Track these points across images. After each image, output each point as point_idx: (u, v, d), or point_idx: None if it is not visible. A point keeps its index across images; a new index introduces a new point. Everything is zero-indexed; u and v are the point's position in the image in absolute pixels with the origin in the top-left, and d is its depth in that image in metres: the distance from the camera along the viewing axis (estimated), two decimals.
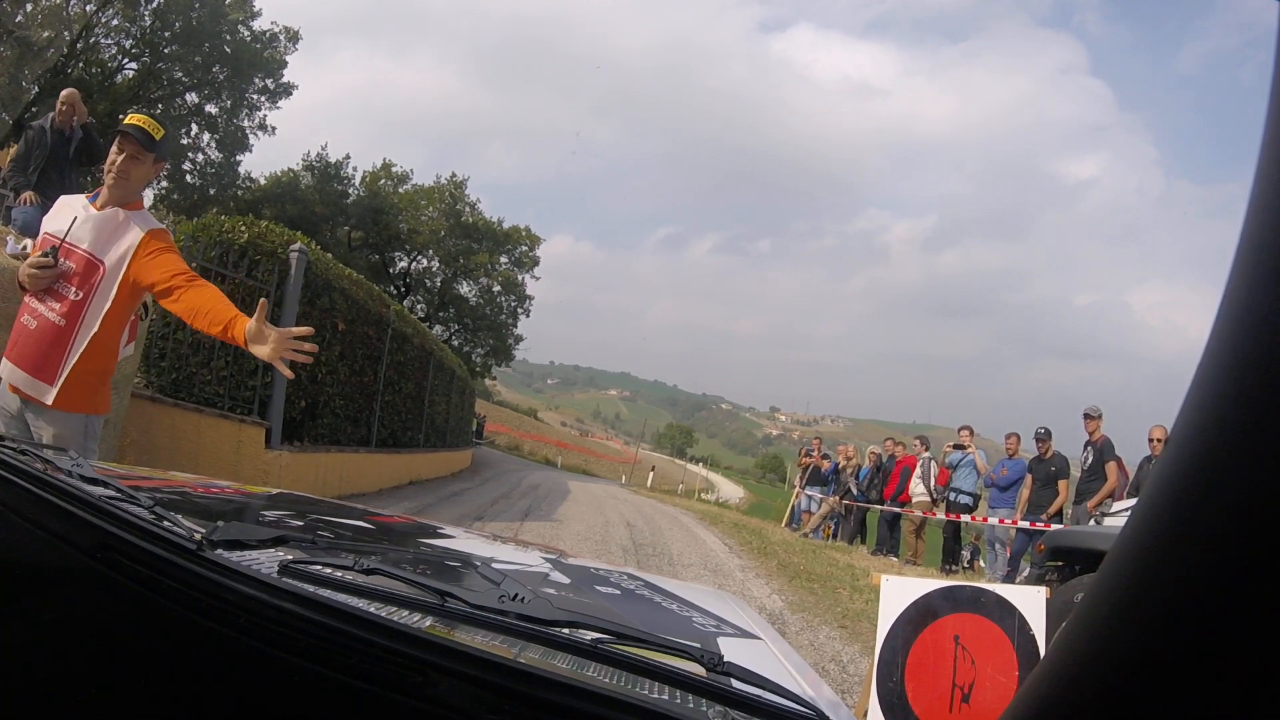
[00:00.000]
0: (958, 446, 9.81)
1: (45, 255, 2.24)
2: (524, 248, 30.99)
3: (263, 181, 28.53)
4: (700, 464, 73.23)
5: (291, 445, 7.20)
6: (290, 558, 0.79)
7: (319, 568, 0.77)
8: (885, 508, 10.61)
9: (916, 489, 10.18)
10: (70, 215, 2.30)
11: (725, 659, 0.77)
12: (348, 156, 29.70)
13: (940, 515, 9.77)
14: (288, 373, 2.16)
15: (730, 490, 58.01)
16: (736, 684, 0.73)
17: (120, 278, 2.29)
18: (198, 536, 0.72)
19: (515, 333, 31.52)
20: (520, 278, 31.04)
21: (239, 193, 27.38)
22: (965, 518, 9.48)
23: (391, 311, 9.48)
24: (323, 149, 29.64)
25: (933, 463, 10.36)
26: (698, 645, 0.82)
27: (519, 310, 31.39)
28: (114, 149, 2.32)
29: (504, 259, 30.77)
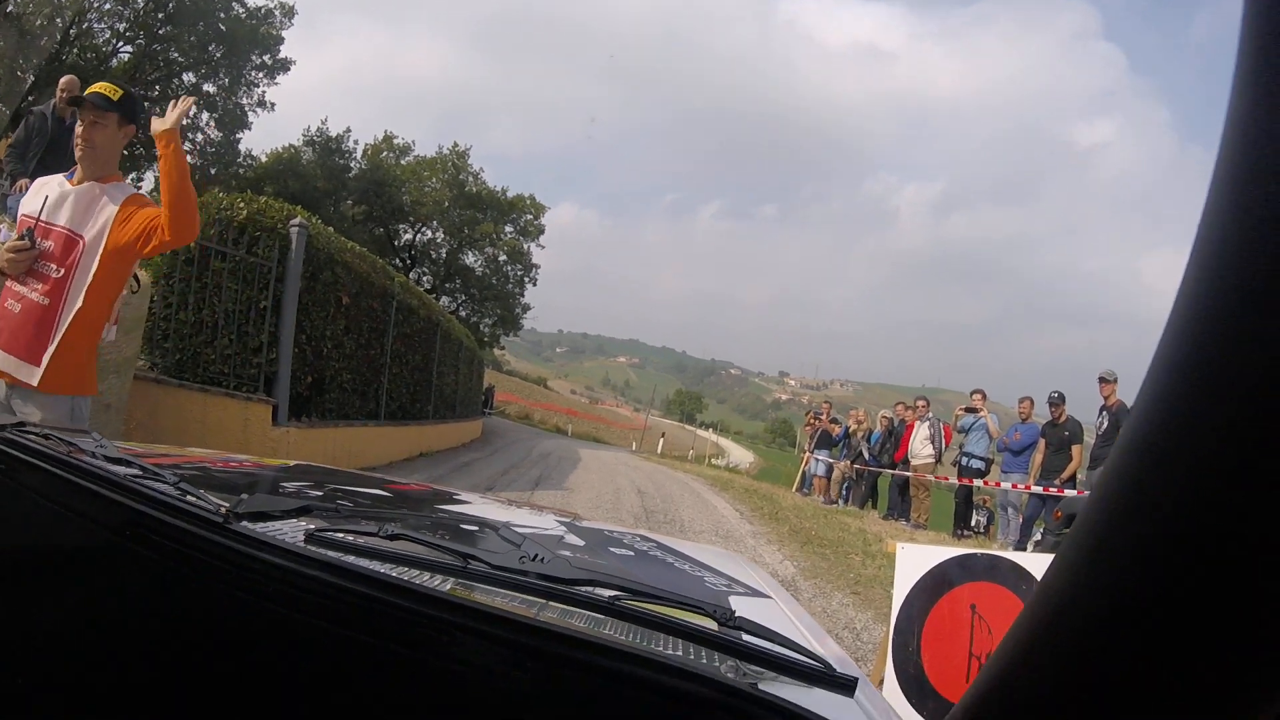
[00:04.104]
0: (969, 410, 9.71)
1: (21, 238, 2.19)
2: (529, 216, 30.65)
3: (264, 159, 28.20)
4: (710, 429, 73.44)
5: (299, 421, 7.19)
6: (315, 526, 0.80)
7: (344, 535, 0.78)
8: (896, 472, 10.56)
9: (923, 450, 10.10)
10: (44, 194, 2.25)
11: (737, 615, 0.78)
12: (348, 130, 29.32)
13: (952, 480, 9.72)
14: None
15: (740, 455, 58.10)
16: (747, 638, 0.74)
17: (101, 250, 2.26)
18: (224, 510, 0.73)
19: (523, 302, 31.39)
20: (526, 246, 30.74)
21: (241, 171, 27.14)
22: (978, 482, 9.42)
23: (396, 284, 9.39)
24: (323, 123, 29.19)
25: (940, 423, 10.26)
26: (710, 602, 0.82)
27: (525, 279, 31.16)
28: (78, 122, 2.29)
29: (509, 228, 30.47)
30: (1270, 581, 0.32)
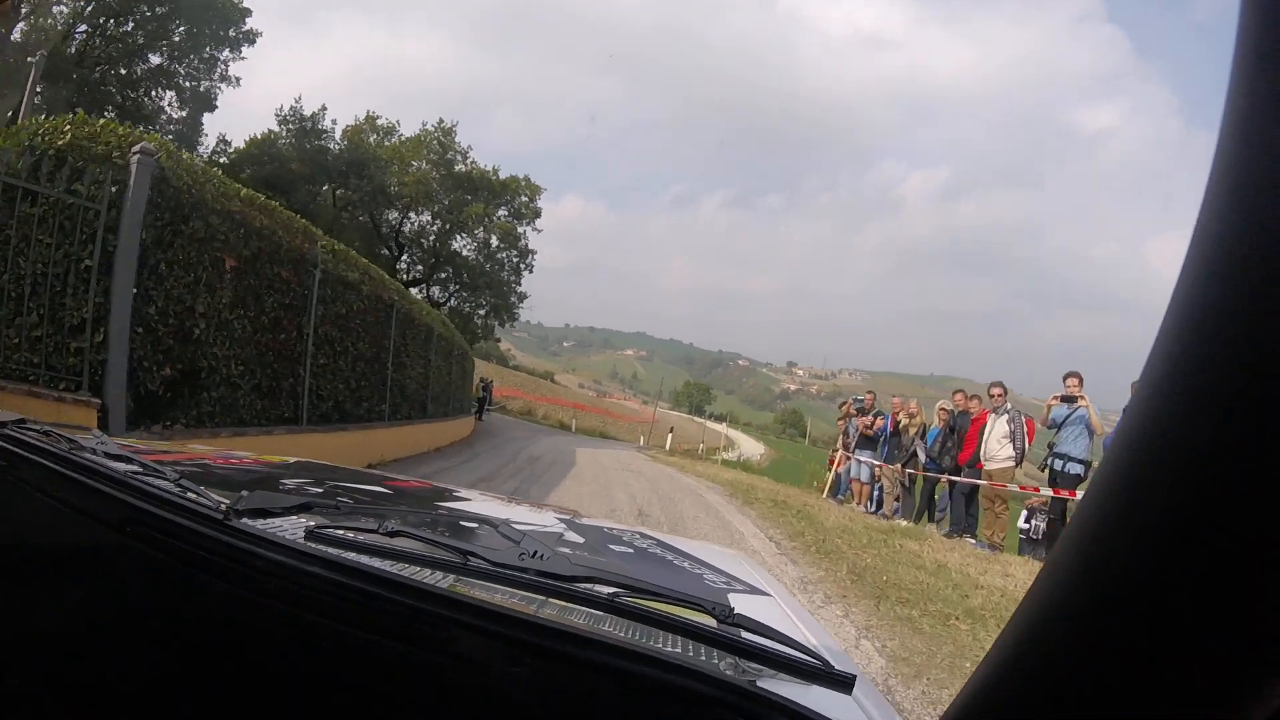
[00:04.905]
0: (1065, 398, 7.51)
1: None
2: (523, 198, 28.28)
3: (242, 144, 26.02)
4: (722, 422, 71.83)
5: (152, 430, 5.08)
6: (315, 523, 0.79)
7: (344, 532, 0.77)
8: (962, 479, 8.40)
9: (1001, 451, 7.96)
10: None
11: (736, 612, 0.77)
12: (324, 108, 26.38)
13: (1044, 490, 7.54)
14: None
15: (751, 447, 56.92)
16: (747, 635, 0.73)
17: None
18: (224, 507, 0.73)
19: (519, 290, 29.02)
20: (521, 230, 28.39)
21: (215, 156, 25.14)
22: (1081, 494, 7.21)
23: (319, 247, 7.24)
24: (296, 101, 26.56)
25: (1022, 416, 8.09)
26: (710, 599, 0.80)
27: (521, 266, 28.77)
28: None
29: (503, 212, 28.09)
30: (1265, 577, 0.32)
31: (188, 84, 23.15)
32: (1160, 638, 0.34)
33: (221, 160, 25.19)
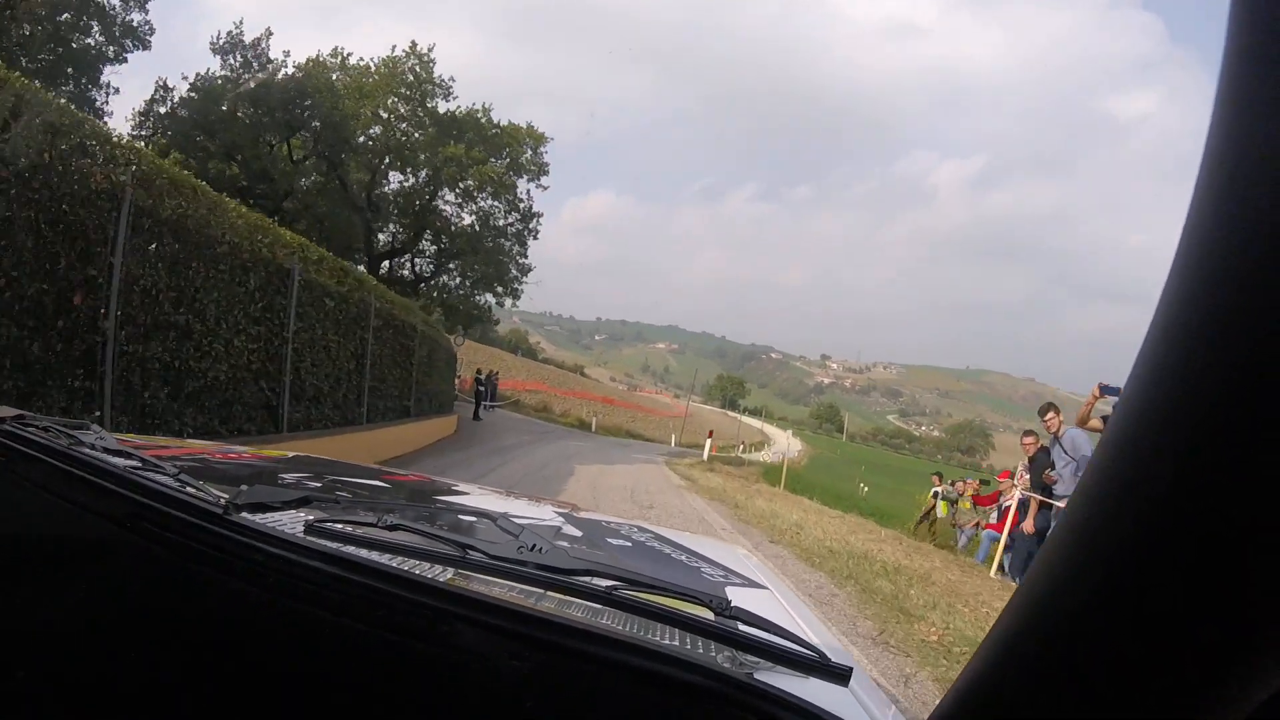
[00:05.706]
0: None
1: None
2: (526, 149, 23.07)
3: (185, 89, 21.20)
4: (758, 416, 67.18)
5: None
6: (314, 518, 0.79)
7: (343, 526, 0.77)
8: None
9: None
10: None
11: (733, 605, 0.77)
12: (269, 32, 20.48)
13: None
14: None
15: (788, 443, 53.01)
16: (744, 628, 0.73)
17: None
18: (223, 501, 0.72)
19: (522, 261, 23.86)
20: (524, 187, 23.16)
21: (153, 104, 20.49)
22: None
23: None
24: (237, 25, 20.61)
25: None
26: (707, 592, 0.80)
27: (525, 231, 23.64)
28: None
29: (500, 162, 22.80)
30: (1257, 561, 0.32)
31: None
32: (1150, 628, 0.34)
33: (161, 109, 20.70)
